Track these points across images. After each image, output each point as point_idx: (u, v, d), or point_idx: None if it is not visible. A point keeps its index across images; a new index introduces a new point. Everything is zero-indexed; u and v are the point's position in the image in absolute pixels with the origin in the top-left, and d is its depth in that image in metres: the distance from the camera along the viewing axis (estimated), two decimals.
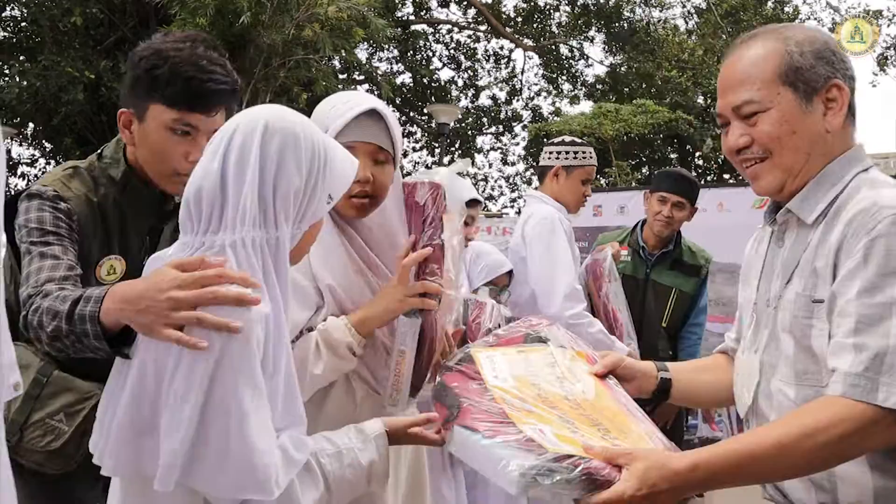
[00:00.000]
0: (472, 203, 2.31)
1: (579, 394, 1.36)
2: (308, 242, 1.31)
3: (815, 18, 12.31)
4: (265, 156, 1.18)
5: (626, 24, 13.82)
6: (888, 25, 11.43)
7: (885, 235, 1.19)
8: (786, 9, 12.43)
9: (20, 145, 12.31)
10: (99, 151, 1.69)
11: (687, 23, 14.34)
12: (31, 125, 10.76)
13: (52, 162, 11.58)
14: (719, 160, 14.02)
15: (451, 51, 15.69)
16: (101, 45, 8.10)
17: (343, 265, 1.61)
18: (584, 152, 3.19)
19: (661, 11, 13.82)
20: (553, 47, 14.44)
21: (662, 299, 3.33)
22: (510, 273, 3.12)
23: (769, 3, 12.33)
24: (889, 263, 1.18)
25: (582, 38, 14.21)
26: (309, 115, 1.65)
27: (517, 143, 18.19)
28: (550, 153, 3.26)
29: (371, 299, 1.62)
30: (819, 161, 1.34)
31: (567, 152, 3.19)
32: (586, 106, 17.06)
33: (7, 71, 9.66)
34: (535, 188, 3.44)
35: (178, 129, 1.54)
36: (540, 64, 15.49)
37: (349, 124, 1.56)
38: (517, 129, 17.58)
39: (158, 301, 1.12)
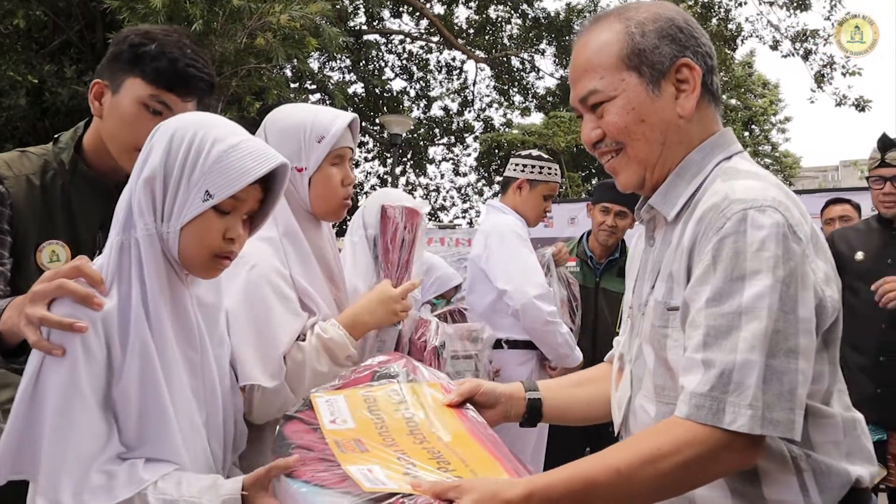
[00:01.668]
0: None
1: (426, 427, 1.26)
2: (198, 249, 1.21)
3: (758, 36, 12.72)
4: (140, 159, 1.22)
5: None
6: (824, 45, 11.88)
7: (732, 234, 1.07)
8: (729, 25, 12.80)
9: None
10: (56, 137, 1.67)
11: None
12: None
13: None
14: None
15: (404, 61, 15.72)
16: (45, 49, 7.88)
17: (316, 274, 1.67)
18: (549, 168, 3.26)
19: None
20: (504, 59, 14.59)
21: (613, 305, 3.42)
22: (457, 287, 3.15)
23: (713, 20, 12.68)
24: (737, 266, 1.06)
25: (533, 50, 14.39)
26: (259, 124, 1.71)
27: (469, 154, 18.31)
28: (517, 165, 3.30)
29: (361, 305, 1.69)
30: (678, 150, 1.22)
31: (534, 166, 3.24)
32: (537, 118, 17.29)
33: None
34: (494, 197, 3.51)
35: (152, 106, 1.56)
36: (492, 76, 15.65)
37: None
38: (469, 140, 17.70)
39: (20, 315, 1.16)
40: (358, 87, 14.85)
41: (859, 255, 3.27)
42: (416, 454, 1.17)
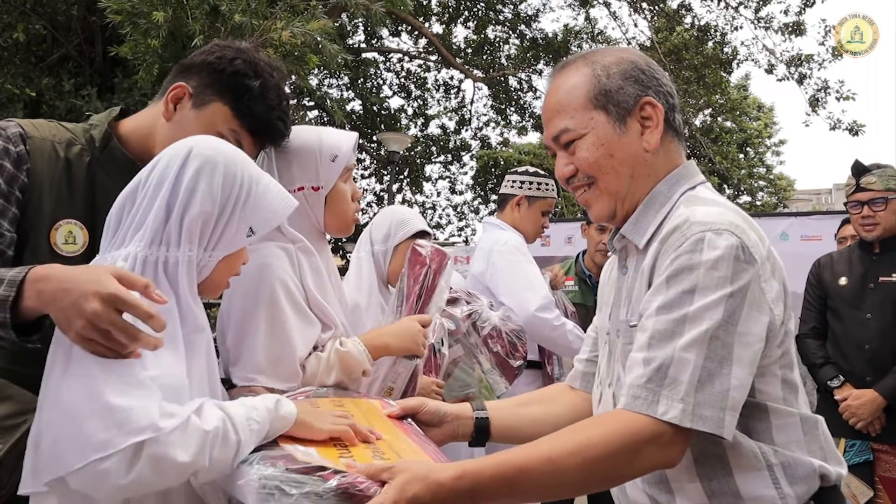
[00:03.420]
0: (422, 235, 2.35)
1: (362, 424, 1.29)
2: (225, 275, 1.29)
3: (753, 60, 12.83)
4: (180, 178, 1.21)
5: None
6: (819, 69, 11.99)
7: (689, 252, 1.16)
8: (725, 49, 12.92)
9: None
10: (87, 114, 1.61)
11: None
12: None
13: None
14: None
15: (402, 79, 15.80)
16: (44, 63, 7.90)
17: (328, 289, 1.70)
18: (546, 184, 3.26)
19: (607, 47, 14.18)
20: (502, 79, 14.67)
21: None
22: None
23: (709, 44, 12.80)
24: (690, 281, 1.15)
25: (530, 70, 14.48)
26: None
27: (465, 173, 18.38)
28: (514, 182, 3.30)
29: (387, 329, 1.74)
30: (645, 183, 1.31)
31: (531, 182, 3.25)
32: (534, 137, 17.36)
33: None
34: (492, 214, 3.51)
35: (227, 137, 1.48)
36: (489, 95, 15.72)
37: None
38: (466, 158, 17.76)
39: (80, 309, 1.07)
40: (356, 105, 14.94)
41: (843, 281, 3.35)
42: (352, 444, 1.20)
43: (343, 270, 2.29)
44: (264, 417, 1.15)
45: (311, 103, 12.27)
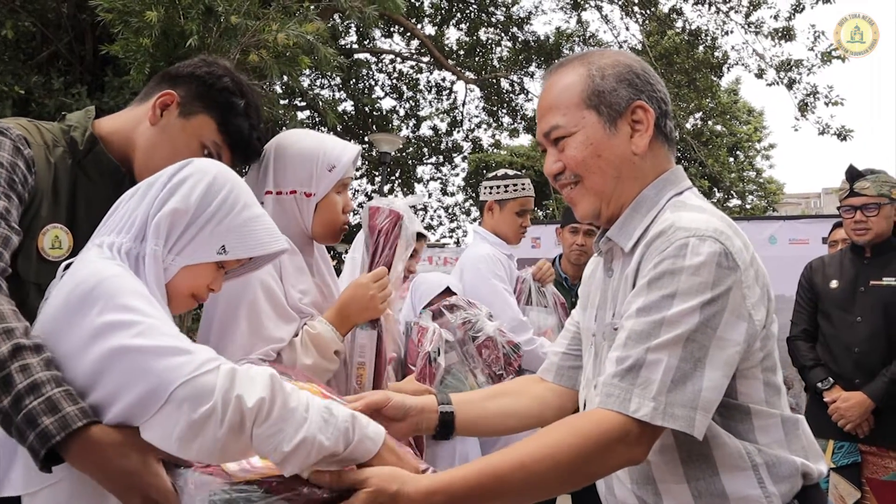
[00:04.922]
0: (417, 236, 2.35)
1: None
2: (186, 288, 1.26)
3: (743, 64, 12.89)
4: (171, 180, 1.25)
5: None
6: (808, 74, 12.05)
7: (672, 257, 1.17)
8: (716, 53, 12.97)
9: None
10: (63, 115, 1.58)
11: None
12: None
13: None
14: None
15: (394, 80, 15.78)
16: (33, 60, 7.84)
17: (311, 287, 1.73)
18: (514, 185, 3.25)
19: (604, 49, 14.19)
20: (494, 81, 14.68)
21: None
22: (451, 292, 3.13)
23: (700, 48, 12.86)
24: (671, 285, 1.16)
25: (522, 73, 14.50)
26: None
27: (457, 174, 18.39)
28: (485, 188, 3.33)
29: (341, 300, 1.72)
30: (632, 185, 1.32)
31: (499, 186, 3.25)
32: (525, 139, 17.39)
33: None
34: (478, 221, 3.53)
35: (210, 149, 1.54)
36: (481, 97, 15.74)
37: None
38: (457, 159, 17.76)
39: (126, 495, 1.06)
40: (348, 105, 14.91)
41: (833, 284, 3.38)
42: None
43: (337, 271, 2.29)
44: (344, 416, 1.09)
45: (303, 104, 12.25)
